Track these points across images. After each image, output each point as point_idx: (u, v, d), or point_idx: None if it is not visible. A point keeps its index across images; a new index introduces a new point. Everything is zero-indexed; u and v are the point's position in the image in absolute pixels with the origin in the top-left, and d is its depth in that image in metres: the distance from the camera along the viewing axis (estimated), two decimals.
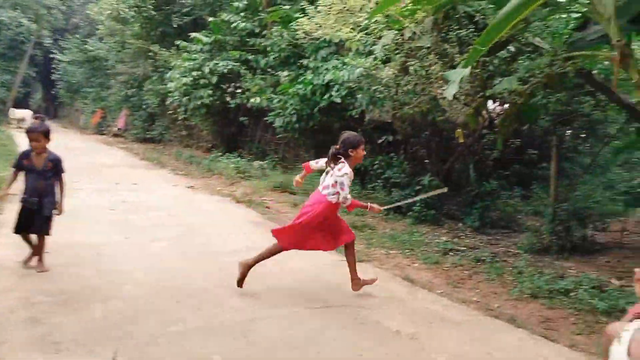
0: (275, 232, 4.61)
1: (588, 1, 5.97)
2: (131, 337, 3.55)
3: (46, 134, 4.78)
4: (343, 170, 4.36)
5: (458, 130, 7.33)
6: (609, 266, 5.97)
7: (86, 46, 29.17)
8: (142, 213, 7.67)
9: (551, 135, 7.25)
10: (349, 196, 4.42)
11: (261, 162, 12.95)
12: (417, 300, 4.71)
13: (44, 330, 3.55)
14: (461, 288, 5.14)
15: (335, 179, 4.39)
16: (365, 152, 4.68)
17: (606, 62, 6.92)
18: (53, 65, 35.74)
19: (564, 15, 8.07)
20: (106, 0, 20.39)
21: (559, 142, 8.09)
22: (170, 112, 18.58)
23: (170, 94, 15.53)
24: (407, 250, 6.36)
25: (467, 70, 5.67)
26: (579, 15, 7.32)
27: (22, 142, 7.47)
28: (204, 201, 9.44)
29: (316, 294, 4.69)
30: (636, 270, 2.27)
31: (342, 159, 4.44)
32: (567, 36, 7.69)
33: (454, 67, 6.76)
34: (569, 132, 10.11)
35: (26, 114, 28.03)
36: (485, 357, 3.62)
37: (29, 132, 4.76)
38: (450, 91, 5.86)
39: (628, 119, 7.16)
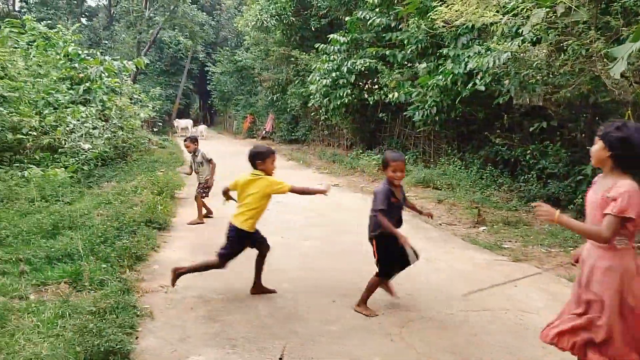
0: None
1: None
2: (295, 335, 3.75)
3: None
4: None
5: (627, 111, 6.54)
6: None
7: (235, 57, 31.64)
8: (294, 213, 8.07)
9: None
10: None
11: None
12: None
13: (219, 328, 3.90)
14: None
15: None
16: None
17: None
18: (207, 77, 39.50)
19: None
20: (251, 12, 21.87)
21: None
22: (312, 113, 19.42)
23: (311, 96, 16.14)
24: (571, 248, 5.84)
25: (638, 45, 5.02)
26: None
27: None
28: (349, 199, 9.66)
29: (470, 296, 4.53)
30: None
31: None
32: None
33: (619, 41, 6.02)
34: None
35: (188, 123, 31.41)
36: None
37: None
38: (617, 69, 5.24)
39: None
